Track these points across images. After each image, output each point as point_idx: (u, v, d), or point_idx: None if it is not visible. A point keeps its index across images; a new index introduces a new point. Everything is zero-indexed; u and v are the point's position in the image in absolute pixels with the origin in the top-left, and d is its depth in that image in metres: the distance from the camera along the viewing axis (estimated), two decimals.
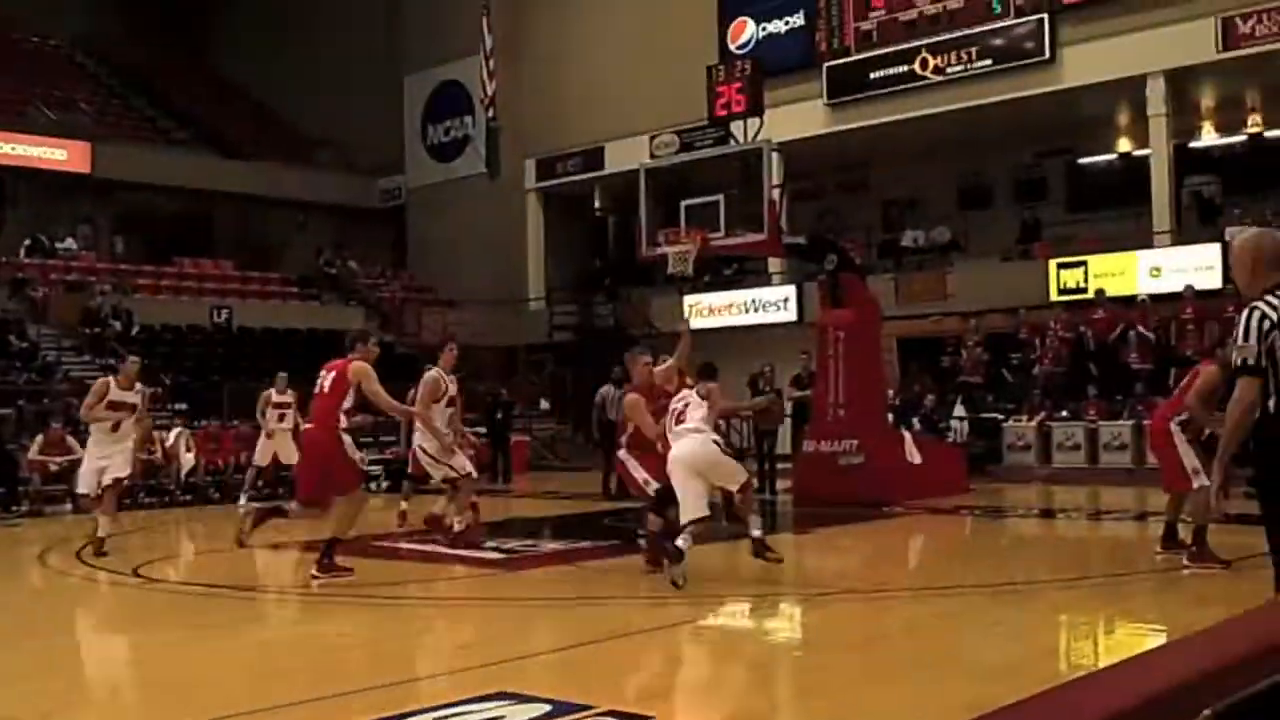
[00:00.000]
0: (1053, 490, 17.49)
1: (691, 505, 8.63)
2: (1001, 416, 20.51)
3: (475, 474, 11.83)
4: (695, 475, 8.75)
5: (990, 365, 21.62)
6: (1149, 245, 21.51)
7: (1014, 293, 22.18)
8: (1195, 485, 8.97)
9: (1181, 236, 21.50)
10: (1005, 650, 6.56)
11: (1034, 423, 19.91)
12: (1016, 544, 12.77)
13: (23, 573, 11.36)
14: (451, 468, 11.28)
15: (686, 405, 9.04)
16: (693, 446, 8.78)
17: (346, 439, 9.55)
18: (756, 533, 9.00)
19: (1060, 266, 21.90)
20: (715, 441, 8.99)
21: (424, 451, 11.43)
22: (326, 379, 9.60)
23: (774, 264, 25.98)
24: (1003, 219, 25.57)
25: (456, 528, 11.34)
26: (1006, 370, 21.62)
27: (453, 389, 11.54)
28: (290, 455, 17.31)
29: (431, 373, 11.45)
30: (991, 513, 14.41)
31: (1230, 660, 2.85)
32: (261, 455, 17.50)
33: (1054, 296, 21.72)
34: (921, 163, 26.31)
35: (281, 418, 17.45)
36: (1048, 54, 22.20)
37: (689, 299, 27.02)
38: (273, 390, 17.60)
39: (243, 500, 17.21)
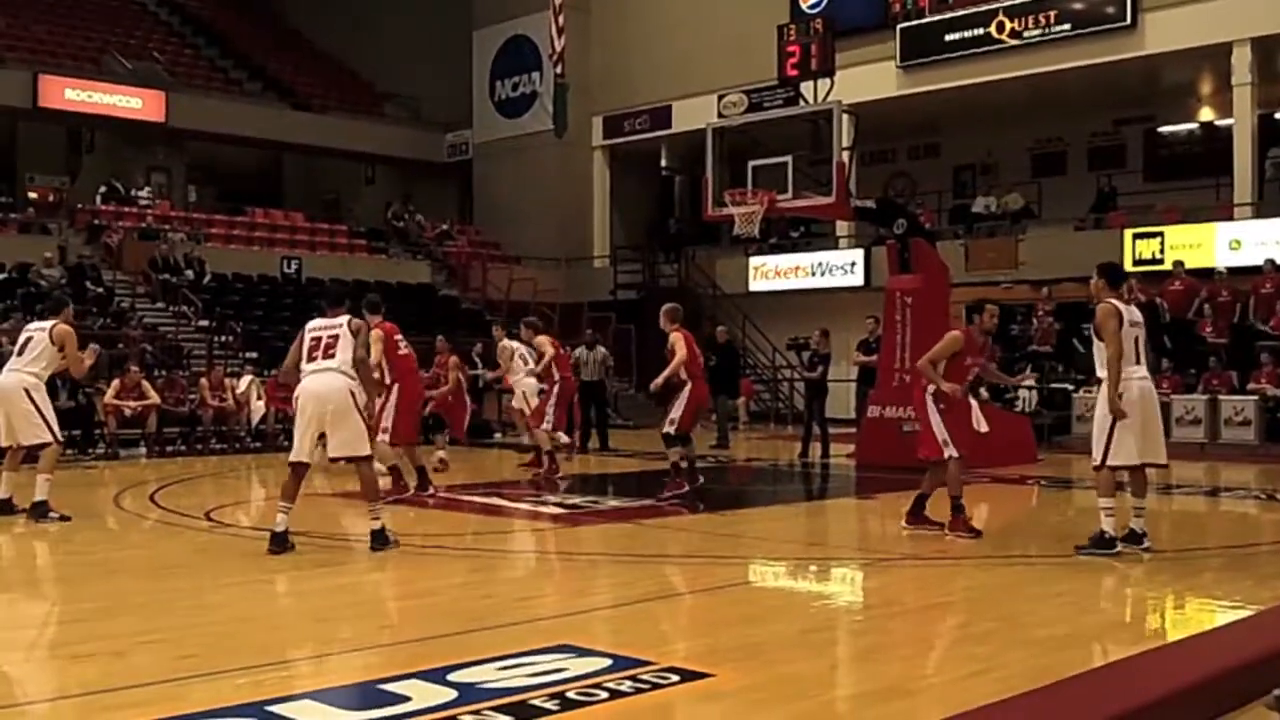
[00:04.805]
0: None
1: None
2: (1072, 387, 20.23)
3: None
4: None
5: (1061, 335, 21.32)
6: (1229, 217, 21.06)
7: (1087, 262, 21.54)
8: (946, 455, 9.11)
9: (1263, 209, 21.03)
10: (1070, 621, 6.49)
11: None
12: (1084, 515, 12.57)
13: (99, 515, 11.57)
14: None
15: None
16: None
17: None
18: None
19: (1136, 236, 21.52)
20: None
21: None
22: None
23: (842, 227, 25.75)
24: (1077, 186, 25.13)
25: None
26: (1078, 340, 21.28)
27: None
28: None
29: None
30: (1059, 483, 14.24)
31: None
32: None
33: (1129, 267, 21.26)
34: (995, 127, 25.92)
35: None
36: (1129, 19, 21.69)
37: (754, 260, 26.89)
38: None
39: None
